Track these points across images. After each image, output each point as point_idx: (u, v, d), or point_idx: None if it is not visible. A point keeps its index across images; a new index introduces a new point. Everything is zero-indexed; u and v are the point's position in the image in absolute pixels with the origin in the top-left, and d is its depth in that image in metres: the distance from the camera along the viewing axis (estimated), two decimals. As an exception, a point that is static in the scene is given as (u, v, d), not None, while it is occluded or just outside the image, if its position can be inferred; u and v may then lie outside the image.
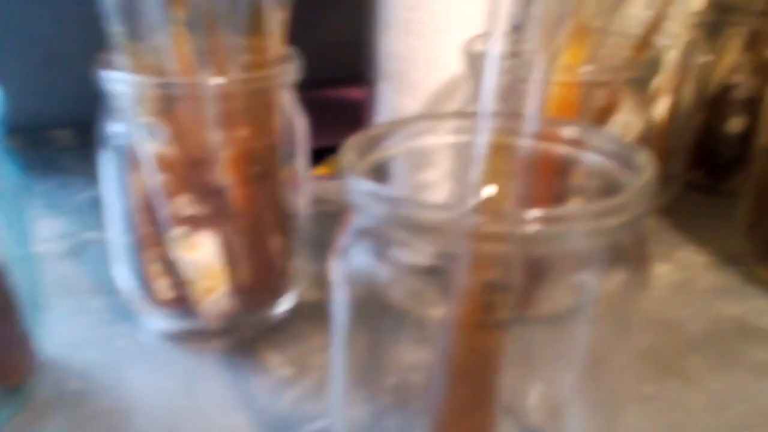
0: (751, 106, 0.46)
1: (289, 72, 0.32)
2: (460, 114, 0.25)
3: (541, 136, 0.23)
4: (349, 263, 0.22)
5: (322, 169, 0.50)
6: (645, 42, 0.33)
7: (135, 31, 0.29)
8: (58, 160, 0.56)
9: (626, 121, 0.33)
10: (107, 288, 0.37)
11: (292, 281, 0.36)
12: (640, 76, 0.31)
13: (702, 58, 0.46)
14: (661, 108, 0.44)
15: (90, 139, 0.33)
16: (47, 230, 0.45)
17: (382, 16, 0.39)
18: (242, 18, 0.30)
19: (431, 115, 0.26)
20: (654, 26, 0.34)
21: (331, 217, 0.26)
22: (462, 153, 0.24)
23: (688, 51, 0.44)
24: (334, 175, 0.50)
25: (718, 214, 0.43)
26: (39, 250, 0.42)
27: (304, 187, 0.35)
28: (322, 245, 0.29)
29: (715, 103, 0.50)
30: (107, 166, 0.33)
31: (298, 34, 0.33)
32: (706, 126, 0.50)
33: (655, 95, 0.43)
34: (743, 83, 0.48)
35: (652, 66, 0.32)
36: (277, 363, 0.33)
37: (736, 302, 0.37)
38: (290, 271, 0.35)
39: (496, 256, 0.20)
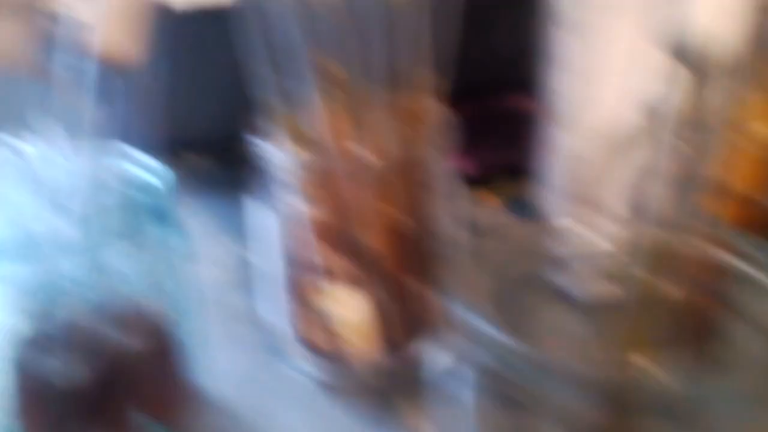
0: None
1: (444, 138, 0.31)
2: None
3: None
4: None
5: (490, 197, 0.49)
6: None
7: (289, 104, 0.29)
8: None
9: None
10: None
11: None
12: None
13: None
14: None
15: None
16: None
17: (544, 50, 0.37)
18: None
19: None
20: None
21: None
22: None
23: None
24: (503, 205, 0.48)
25: None
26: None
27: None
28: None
29: None
30: (261, 217, 0.34)
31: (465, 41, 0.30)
32: None
33: None
34: None
35: None
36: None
37: None
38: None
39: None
